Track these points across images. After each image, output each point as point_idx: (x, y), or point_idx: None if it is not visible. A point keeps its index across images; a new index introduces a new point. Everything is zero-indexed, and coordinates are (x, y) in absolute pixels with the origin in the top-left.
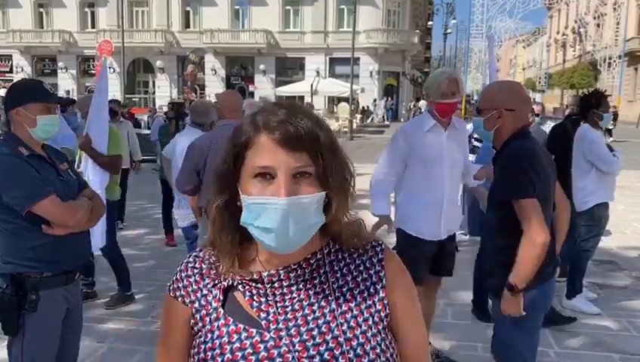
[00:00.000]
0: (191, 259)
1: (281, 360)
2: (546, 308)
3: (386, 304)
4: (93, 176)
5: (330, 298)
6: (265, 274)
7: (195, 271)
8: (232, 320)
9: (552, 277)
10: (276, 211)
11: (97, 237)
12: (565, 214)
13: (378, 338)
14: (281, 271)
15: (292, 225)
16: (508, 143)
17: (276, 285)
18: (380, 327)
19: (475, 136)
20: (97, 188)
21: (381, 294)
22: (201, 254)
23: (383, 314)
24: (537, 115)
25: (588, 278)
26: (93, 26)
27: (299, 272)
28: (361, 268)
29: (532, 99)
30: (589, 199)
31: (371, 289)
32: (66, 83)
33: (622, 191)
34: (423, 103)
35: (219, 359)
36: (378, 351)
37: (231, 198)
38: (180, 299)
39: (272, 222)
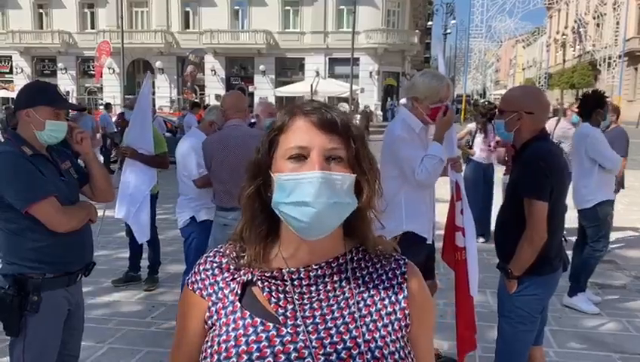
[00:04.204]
0: (211, 254)
1: (297, 354)
2: (549, 296)
3: (407, 314)
4: (139, 181)
5: (350, 301)
6: (285, 270)
7: (214, 264)
8: (248, 313)
9: (558, 269)
10: (311, 184)
11: (143, 231)
12: None
13: (397, 345)
14: (302, 270)
15: (325, 200)
16: (529, 144)
17: (296, 283)
18: (399, 335)
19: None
20: (146, 188)
21: (403, 304)
22: (222, 249)
23: (403, 324)
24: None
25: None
26: (92, 27)
27: (319, 273)
28: (384, 277)
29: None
30: (592, 198)
31: (392, 298)
32: (65, 83)
33: (621, 191)
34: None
35: (233, 350)
36: (397, 357)
37: (262, 186)
38: (197, 292)
39: (307, 196)
